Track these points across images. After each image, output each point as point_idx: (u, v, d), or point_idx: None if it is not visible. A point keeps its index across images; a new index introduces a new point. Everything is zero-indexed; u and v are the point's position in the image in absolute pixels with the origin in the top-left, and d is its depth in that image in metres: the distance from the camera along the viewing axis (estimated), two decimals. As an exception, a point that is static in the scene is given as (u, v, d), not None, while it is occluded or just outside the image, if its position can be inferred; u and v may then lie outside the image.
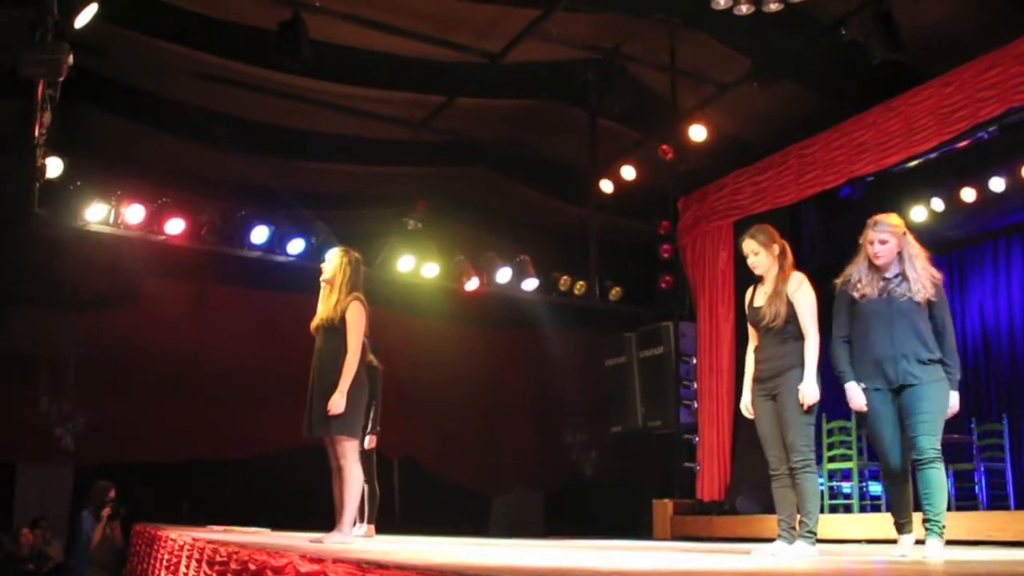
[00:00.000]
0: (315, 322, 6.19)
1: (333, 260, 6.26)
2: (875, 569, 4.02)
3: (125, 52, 9.09)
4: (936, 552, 4.91)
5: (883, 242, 5.24)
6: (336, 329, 6.04)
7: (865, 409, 5.20)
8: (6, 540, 11.51)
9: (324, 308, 6.17)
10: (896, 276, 5.20)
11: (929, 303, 5.18)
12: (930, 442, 5.02)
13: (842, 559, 5.20)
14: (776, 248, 5.51)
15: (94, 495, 10.59)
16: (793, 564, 4.48)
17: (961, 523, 7.93)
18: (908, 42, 8.21)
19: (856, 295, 5.23)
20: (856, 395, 5.19)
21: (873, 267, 5.22)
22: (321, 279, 6.29)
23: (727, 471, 10.91)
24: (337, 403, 5.88)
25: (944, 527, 5.00)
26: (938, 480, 5.07)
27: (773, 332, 5.42)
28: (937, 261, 11.44)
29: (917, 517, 5.20)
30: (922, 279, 5.19)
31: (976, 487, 9.21)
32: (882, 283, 5.19)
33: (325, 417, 5.92)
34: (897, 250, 5.25)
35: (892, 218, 5.35)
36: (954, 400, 5.19)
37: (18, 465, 12.17)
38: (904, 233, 5.25)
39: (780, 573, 3.52)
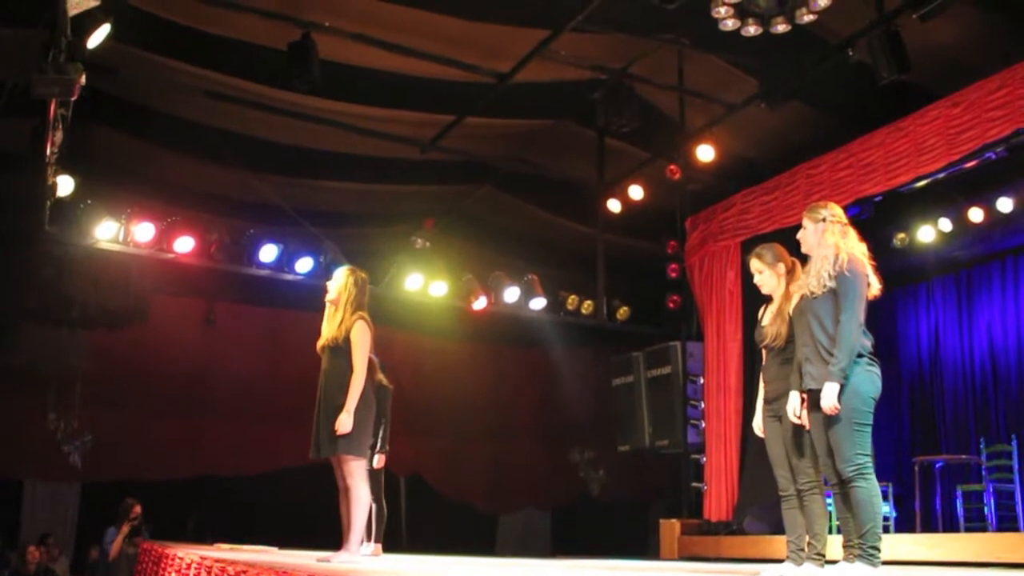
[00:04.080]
0: (321, 342, 6.17)
1: (339, 280, 6.25)
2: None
3: (136, 72, 9.15)
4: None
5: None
6: (341, 349, 6.02)
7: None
8: (13, 557, 11.51)
9: (329, 328, 6.16)
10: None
11: (833, 292, 4.88)
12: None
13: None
14: (782, 267, 5.47)
15: (121, 511, 10.61)
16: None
17: (970, 545, 7.91)
18: (916, 63, 8.22)
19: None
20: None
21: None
22: (326, 299, 6.28)
23: (735, 491, 10.87)
24: (344, 423, 5.86)
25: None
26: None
27: (775, 352, 5.40)
28: (945, 281, 11.66)
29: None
30: (819, 270, 4.96)
31: (985, 508, 9.16)
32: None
33: (332, 437, 5.91)
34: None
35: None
36: (828, 392, 4.76)
37: (25, 482, 12.19)
38: (818, 223, 5.06)
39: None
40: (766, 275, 5.49)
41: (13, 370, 11.79)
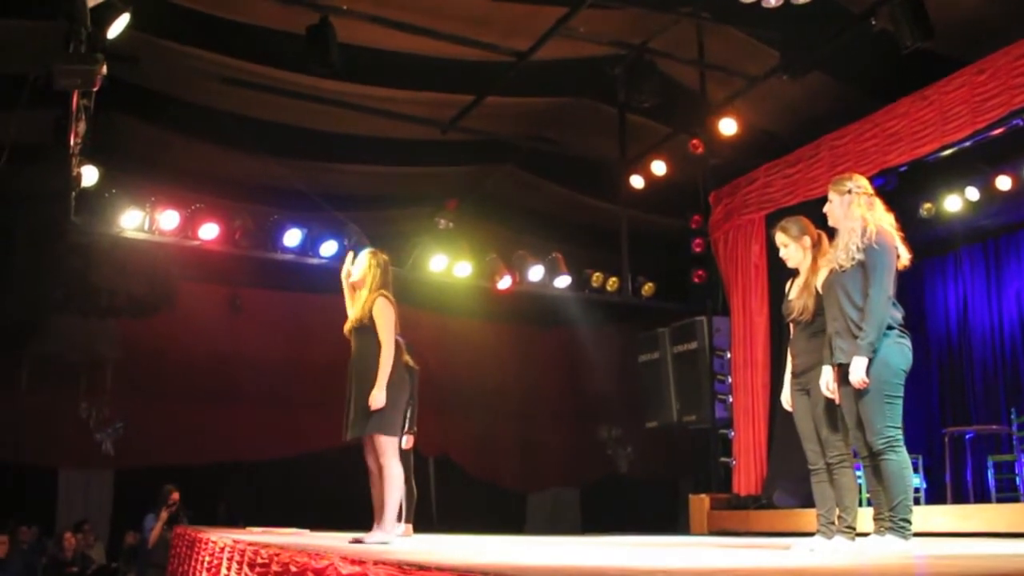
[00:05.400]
0: (347, 325, 6.19)
1: (362, 262, 6.25)
2: (916, 564, 3.99)
3: (157, 60, 9.18)
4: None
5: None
6: (367, 328, 6.02)
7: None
8: (50, 544, 11.67)
9: (354, 310, 6.17)
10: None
11: (862, 265, 4.86)
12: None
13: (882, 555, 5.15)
14: (807, 240, 5.42)
15: (159, 497, 10.70)
16: (832, 560, 4.45)
17: (1002, 516, 7.86)
18: (940, 30, 8.13)
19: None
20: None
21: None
22: (348, 281, 6.28)
23: (763, 465, 10.87)
24: (377, 398, 5.83)
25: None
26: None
27: (803, 326, 5.37)
28: (972, 250, 11.55)
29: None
30: (847, 243, 4.94)
31: (1017, 478, 9.10)
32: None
33: (365, 416, 5.91)
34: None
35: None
36: (857, 366, 4.76)
37: (60, 470, 12.34)
38: (844, 195, 5.03)
39: (818, 569, 3.50)
40: (792, 249, 5.46)
41: (44, 360, 11.93)
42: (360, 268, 6.23)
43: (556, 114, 11.35)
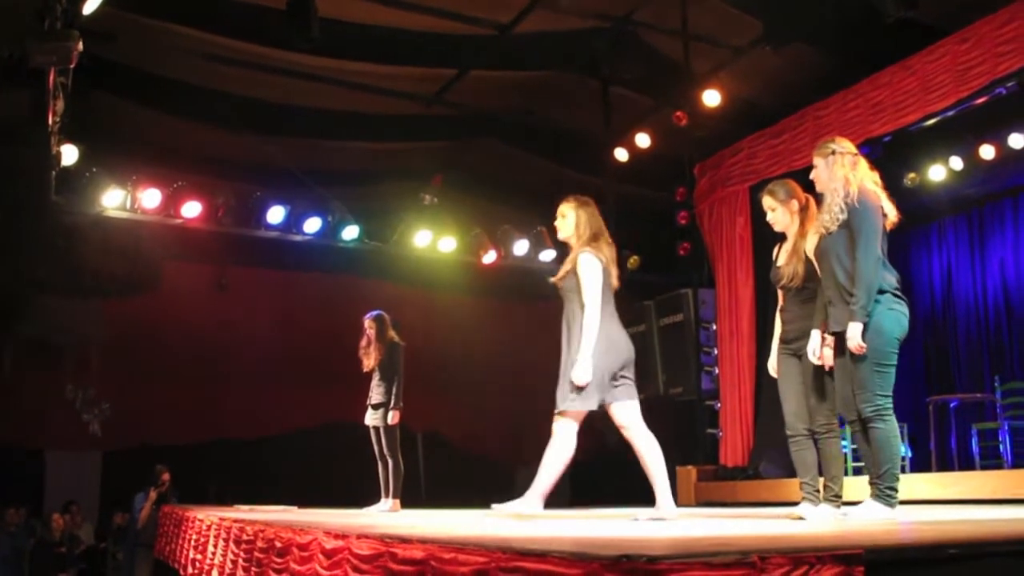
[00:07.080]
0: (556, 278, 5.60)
1: (566, 216, 5.72)
2: (900, 530, 4.01)
3: (135, 37, 9.09)
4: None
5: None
6: (571, 287, 5.52)
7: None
8: (38, 525, 11.65)
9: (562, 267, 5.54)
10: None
11: (847, 226, 4.79)
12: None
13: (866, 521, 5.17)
14: (795, 204, 5.38)
15: (150, 478, 10.69)
16: (818, 527, 4.47)
17: (986, 483, 7.92)
18: (923, -1, 8.11)
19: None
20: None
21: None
22: (559, 238, 5.74)
23: (750, 436, 10.92)
24: (579, 375, 5.37)
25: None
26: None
27: (793, 292, 5.34)
28: (956, 219, 11.58)
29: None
30: (830, 205, 4.87)
31: (1001, 446, 9.17)
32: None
33: (567, 389, 5.50)
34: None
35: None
36: (853, 332, 4.66)
37: (47, 452, 12.30)
38: (828, 157, 4.95)
39: (803, 536, 3.51)
40: (779, 212, 5.42)
41: (29, 341, 11.86)
42: (564, 223, 5.71)
43: (540, 87, 11.29)
